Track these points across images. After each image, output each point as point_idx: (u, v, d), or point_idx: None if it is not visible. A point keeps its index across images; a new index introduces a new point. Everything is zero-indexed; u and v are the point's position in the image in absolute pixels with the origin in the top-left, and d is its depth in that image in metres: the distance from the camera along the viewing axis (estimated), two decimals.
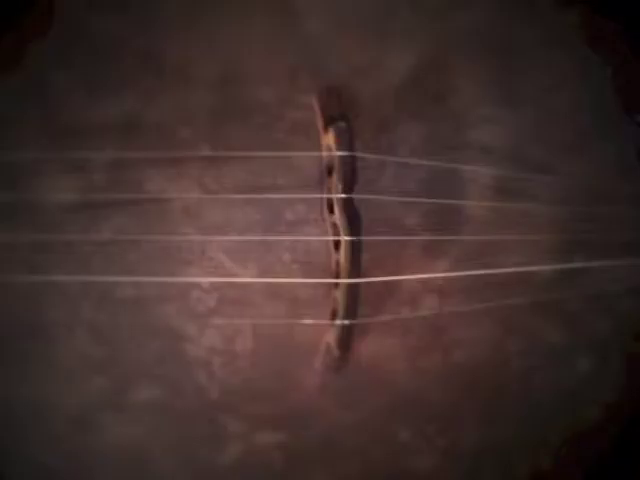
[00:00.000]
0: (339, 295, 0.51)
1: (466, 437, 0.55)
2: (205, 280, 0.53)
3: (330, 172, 0.52)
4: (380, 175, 0.54)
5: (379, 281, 0.53)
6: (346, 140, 0.51)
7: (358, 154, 0.52)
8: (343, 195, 0.51)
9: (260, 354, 0.54)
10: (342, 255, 0.51)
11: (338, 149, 0.51)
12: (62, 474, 0.53)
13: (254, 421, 0.54)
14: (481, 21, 0.54)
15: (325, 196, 0.52)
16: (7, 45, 0.52)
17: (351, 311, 0.51)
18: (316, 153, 0.53)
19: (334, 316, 0.52)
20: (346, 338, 0.52)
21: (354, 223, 0.51)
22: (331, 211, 0.52)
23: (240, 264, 0.53)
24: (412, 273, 0.53)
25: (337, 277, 0.51)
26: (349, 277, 0.51)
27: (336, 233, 0.51)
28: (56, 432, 0.53)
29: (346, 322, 0.51)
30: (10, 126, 0.52)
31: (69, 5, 0.53)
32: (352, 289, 0.51)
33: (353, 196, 0.52)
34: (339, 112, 0.52)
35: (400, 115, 0.54)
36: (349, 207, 0.51)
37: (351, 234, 0.51)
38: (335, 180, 0.51)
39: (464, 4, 0.54)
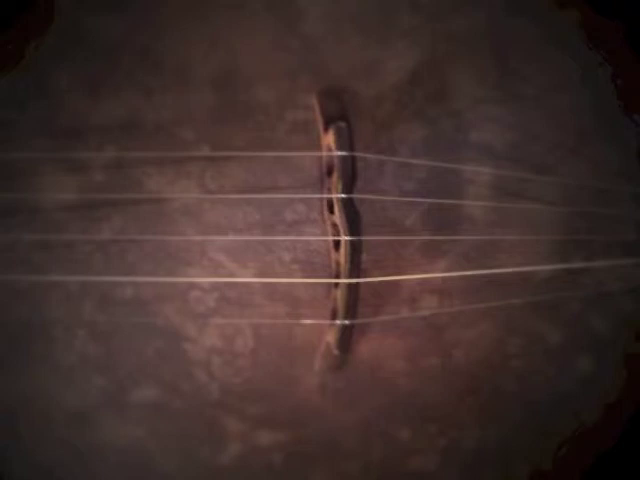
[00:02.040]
0: (339, 295, 0.51)
1: (466, 437, 0.55)
2: (205, 280, 0.53)
3: (330, 172, 0.52)
4: (380, 175, 0.54)
5: (379, 281, 0.53)
6: (346, 140, 0.51)
7: (358, 154, 0.52)
8: (343, 195, 0.51)
9: (260, 354, 0.54)
10: (342, 255, 0.51)
11: (338, 149, 0.51)
12: (62, 474, 0.54)
13: (254, 421, 0.54)
14: (481, 21, 0.54)
15: (325, 196, 0.52)
16: (7, 45, 0.52)
17: (351, 311, 0.51)
18: (316, 153, 0.53)
19: (334, 316, 0.52)
20: (346, 338, 0.52)
21: (354, 223, 0.51)
22: (331, 211, 0.52)
23: (240, 264, 0.53)
24: (412, 273, 0.53)
25: (337, 277, 0.51)
26: (349, 277, 0.51)
27: (336, 233, 0.51)
28: (56, 432, 0.53)
29: (346, 322, 0.51)
30: (10, 126, 0.52)
31: (69, 5, 0.53)
32: (352, 289, 0.51)
33: (353, 196, 0.52)
34: (339, 112, 0.52)
35: (400, 115, 0.54)
36: (349, 207, 0.51)
37: (351, 234, 0.51)
38: (335, 180, 0.51)
39: (464, 4, 0.54)
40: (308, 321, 0.53)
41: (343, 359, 0.53)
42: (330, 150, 0.52)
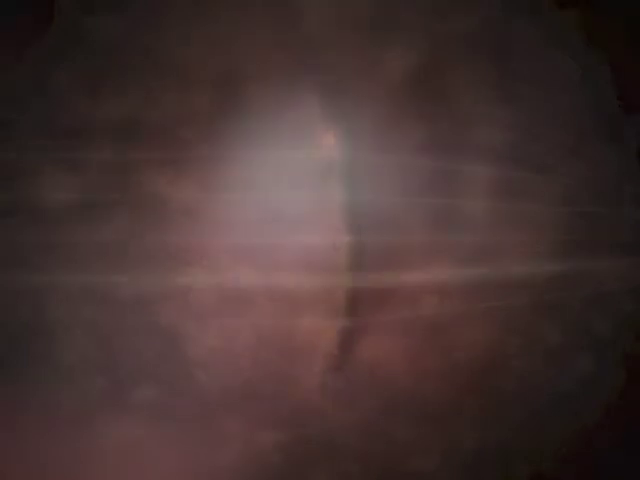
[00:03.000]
0: (339, 295, 0.51)
1: (466, 437, 0.55)
2: (205, 280, 0.53)
3: (330, 172, 0.52)
4: (380, 175, 0.54)
5: (379, 281, 0.53)
6: (346, 140, 0.51)
7: (358, 154, 0.52)
8: (343, 195, 0.51)
9: (260, 354, 0.54)
10: (342, 255, 0.51)
11: (338, 149, 0.51)
12: (61, 474, 0.54)
13: (254, 421, 0.54)
14: (481, 21, 0.54)
15: (325, 196, 0.53)
16: (7, 45, 0.52)
17: (351, 311, 0.51)
18: (316, 153, 0.53)
19: (334, 316, 0.52)
20: (346, 338, 0.52)
21: (354, 223, 0.51)
22: (331, 211, 0.52)
23: (240, 264, 0.53)
24: (412, 273, 0.53)
25: (337, 277, 0.52)
26: (349, 277, 0.51)
27: (336, 233, 0.51)
28: (56, 432, 0.53)
29: (346, 322, 0.51)
30: (10, 126, 0.52)
31: (69, 5, 0.53)
32: (352, 289, 0.51)
33: (353, 196, 0.52)
34: (339, 112, 0.53)
35: (400, 115, 0.54)
36: (349, 207, 0.52)
37: (351, 234, 0.51)
38: (335, 180, 0.51)
39: (464, 4, 0.54)
40: (308, 321, 0.53)
41: (343, 359, 0.53)
42: (330, 150, 0.52)
